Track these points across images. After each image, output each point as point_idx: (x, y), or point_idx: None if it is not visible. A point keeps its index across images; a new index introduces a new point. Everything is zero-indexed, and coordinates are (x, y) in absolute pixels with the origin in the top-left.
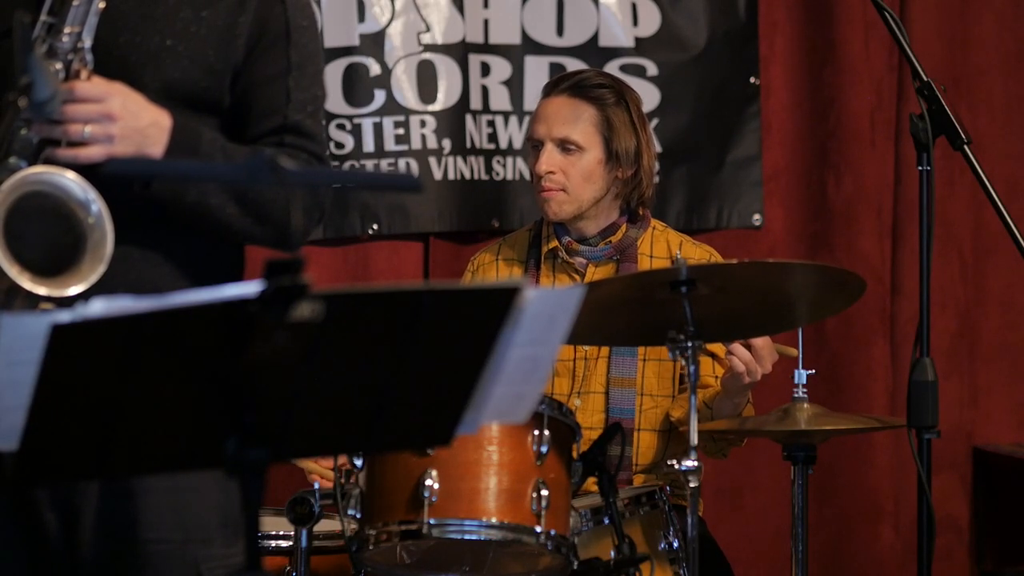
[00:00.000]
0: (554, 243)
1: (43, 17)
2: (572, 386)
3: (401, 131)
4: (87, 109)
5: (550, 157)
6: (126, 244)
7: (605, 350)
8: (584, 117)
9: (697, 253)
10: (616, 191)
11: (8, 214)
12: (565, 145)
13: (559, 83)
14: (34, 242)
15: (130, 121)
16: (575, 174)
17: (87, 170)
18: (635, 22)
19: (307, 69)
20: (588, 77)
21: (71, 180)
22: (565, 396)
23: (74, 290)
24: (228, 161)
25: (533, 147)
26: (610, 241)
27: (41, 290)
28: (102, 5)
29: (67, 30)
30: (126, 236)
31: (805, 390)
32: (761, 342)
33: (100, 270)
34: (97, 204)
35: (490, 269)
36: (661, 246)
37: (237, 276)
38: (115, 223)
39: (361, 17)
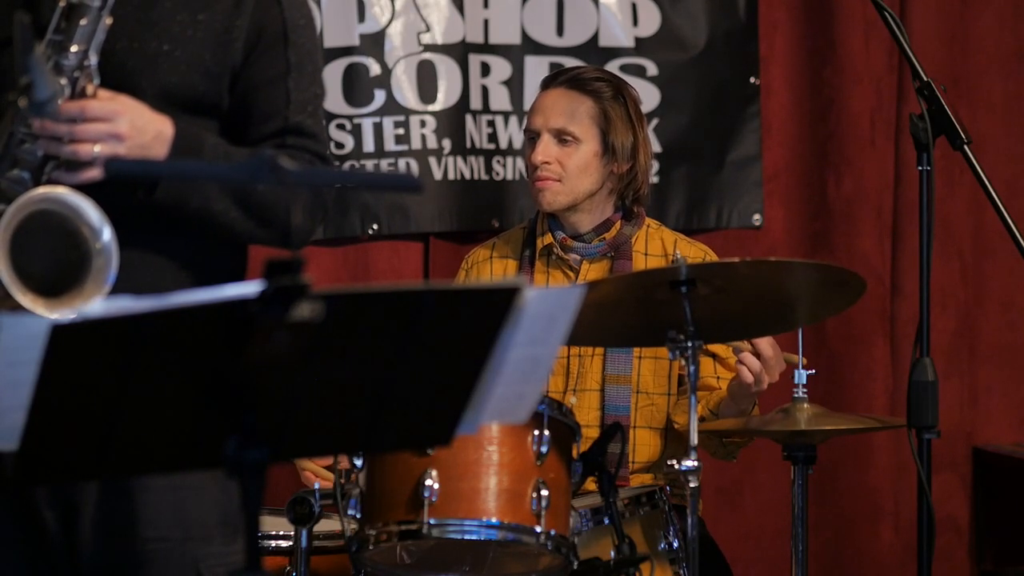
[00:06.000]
0: (549, 239)
1: (49, 35)
2: (567, 383)
3: (401, 131)
4: (97, 129)
5: (546, 148)
6: (129, 249)
7: (600, 347)
8: (581, 109)
9: (692, 252)
10: (611, 186)
11: (18, 228)
12: (562, 136)
13: (557, 76)
14: (39, 260)
15: (136, 139)
16: (571, 165)
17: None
18: (635, 22)
19: (306, 69)
20: (586, 71)
21: (89, 205)
22: (560, 394)
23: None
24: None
25: (530, 139)
26: (604, 238)
27: (40, 310)
28: (109, 21)
29: (73, 48)
30: (129, 241)
31: (805, 390)
32: (771, 351)
33: (99, 298)
34: (108, 232)
35: (484, 266)
36: (656, 244)
37: (240, 279)
38: (118, 228)
39: (361, 17)
